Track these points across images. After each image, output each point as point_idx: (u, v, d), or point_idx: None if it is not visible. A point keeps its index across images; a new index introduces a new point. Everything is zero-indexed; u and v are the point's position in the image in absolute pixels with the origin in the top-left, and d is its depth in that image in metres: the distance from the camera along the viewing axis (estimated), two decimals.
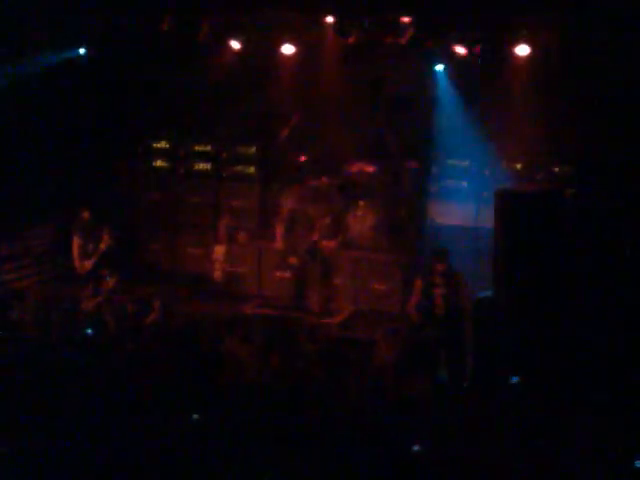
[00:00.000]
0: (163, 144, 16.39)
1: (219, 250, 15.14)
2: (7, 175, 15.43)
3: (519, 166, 14.37)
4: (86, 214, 14.23)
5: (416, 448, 8.45)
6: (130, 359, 10.67)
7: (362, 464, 8.17)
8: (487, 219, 13.62)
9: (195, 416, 8.86)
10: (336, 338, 12.47)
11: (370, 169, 15.18)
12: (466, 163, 14.72)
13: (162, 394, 9.50)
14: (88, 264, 14.07)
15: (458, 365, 11.50)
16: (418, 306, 11.97)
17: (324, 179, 15.11)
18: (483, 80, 14.58)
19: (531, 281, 11.75)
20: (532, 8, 13.39)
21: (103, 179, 16.18)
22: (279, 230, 14.19)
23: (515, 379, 10.02)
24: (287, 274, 14.27)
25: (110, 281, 13.87)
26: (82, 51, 16.07)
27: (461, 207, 14.48)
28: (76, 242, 14.19)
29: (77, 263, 14.19)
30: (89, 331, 11.75)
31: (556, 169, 14.13)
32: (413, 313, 11.94)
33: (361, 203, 14.95)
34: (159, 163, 16.37)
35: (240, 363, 10.65)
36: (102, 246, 14.01)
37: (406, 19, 14.38)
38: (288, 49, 15.20)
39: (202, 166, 16.13)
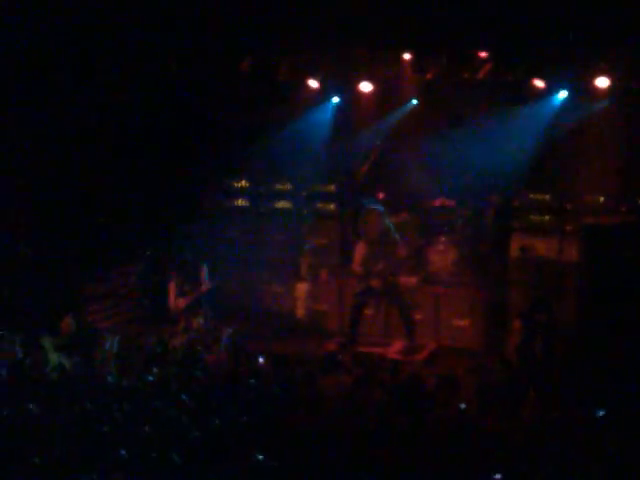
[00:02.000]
0: (243, 183, 16.58)
1: (301, 288, 15.20)
2: (93, 216, 15.72)
3: (602, 199, 14.20)
4: (188, 255, 14.41)
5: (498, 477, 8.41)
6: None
7: None
8: (570, 253, 13.55)
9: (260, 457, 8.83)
10: (420, 375, 12.36)
11: (451, 204, 15.16)
12: (547, 197, 14.59)
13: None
14: (182, 303, 14.17)
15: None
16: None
17: (404, 214, 15.13)
18: (562, 113, 14.47)
19: (619, 316, 11.61)
20: (611, 39, 13.31)
21: (186, 220, 16.39)
22: (359, 253, 14.06)
23: (601, 412, 9.86)
24: (370, 311, 14.17)
25: (198, 320, 14.01)
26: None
27: (544, 241, 14.33)
28: (173, 281, 14.30)
29: (172, 302, 14.26)
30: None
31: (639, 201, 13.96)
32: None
33: (442, 238, 14.94)
34: (240, 202, 16.54)
35: (331, 402, 10.67)
36: (203, 288, 14.19)
37: (483, 54, 14.37)
38: (366, 86, 15.28)
39: (282, 204, 16.27)
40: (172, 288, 14.24)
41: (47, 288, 14.90)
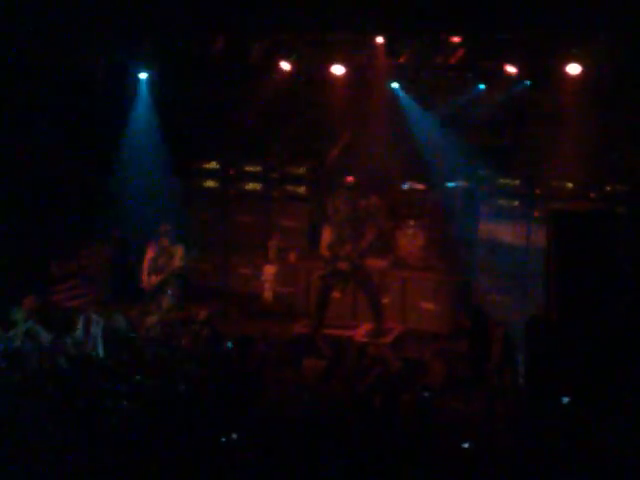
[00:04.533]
0: (213, 164, 16.51)
1: (269, 270, 15.17)
2: (59, 196, 15.61)
3: (571, 185, 14.25)
4: (164, 228, 14.14)
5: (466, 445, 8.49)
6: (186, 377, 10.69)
7: None
8: (538, 238, 13.57)
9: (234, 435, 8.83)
10: (387, 358, 12.39)
11: (420, 187, 15.18)
12: (517, 182, 14.63)
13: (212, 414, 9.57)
14: (155, 279, 14.05)
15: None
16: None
17: (374, 198, 15.11)
18: (534, 99, 14.49)
19: (584, 300, 11.63)
20: (583, 26, 13.32)
21: (155, 200, 16.33)
22: (326, 236, 14.03)
23: (566, 399, 9.89)
24: (337, 294, 14.15)
25: (168, 299, 13.94)
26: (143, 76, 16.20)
27: (512, 226, 14.38)
28: (148, 255, 14.12)
29: (144, 277, 14.13)
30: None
31: (608, 187, 14.00)
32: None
33: (411, 222, 14.94)
34: (209, 183, 16.47)
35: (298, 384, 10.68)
36: (176, 263, 13.96)
37: (456, 39, 14.36)
38: (338, 69, 15.24)
39: (252, 186, 16.22)
40: (145, 262, 14.14)
41: (11, 266, 14.84)
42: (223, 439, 8.72)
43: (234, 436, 8.81)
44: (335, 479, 8.35)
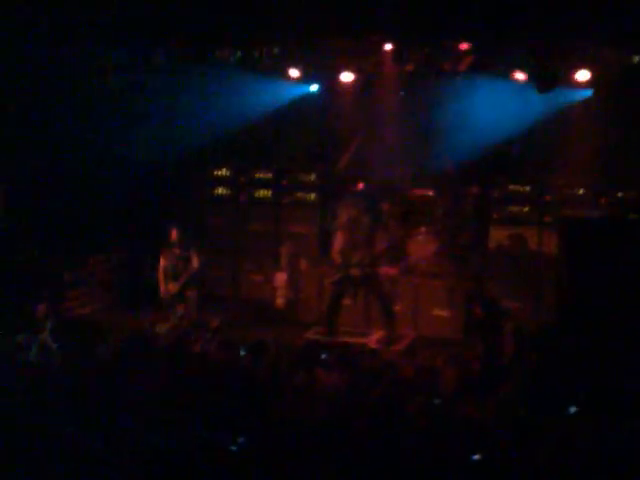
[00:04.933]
0: (224, 172, 16.57)
1: (280, 277, 15.21)
2: (71, 202, 15.66)
3: (581, 191, 14.30)
4: (175, 234, 14.12)
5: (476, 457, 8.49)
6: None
7: None
8: (549, 245, 13.64)
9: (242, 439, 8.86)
10: (399, 365, 12.41)
11: (431, 194, 15.23)
12: (528, 189, 14.68)
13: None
14: (174, 287, 14.06)
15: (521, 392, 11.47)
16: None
17: (384, 205, 15.16)
18: (544, 105, 14.53)
19: (596, 308, 11.68)
20: (593, 32, 13.37)
21: (166, 207, 16.41)
22: (338, 242, 14.02)
23: (573, 409, 9.90)
24: (348, 300, 14.20)
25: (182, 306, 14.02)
26: None
27: (522, 233, 14.42)
28: (163, 263, 14.12)
29: (162, 286, 14.12)
30: None
31: (620, 194, 14.03)
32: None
33: (422, 229, 14.99)
34: (220, 191, 16.54)
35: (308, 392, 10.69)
36: (194, 265, 14.03)
37: (465, 46, 14.40)
38: (347, 77, 15.28)
39: (263, 193, 16.28)
40: (161, 273, 14.18)
41: (23, 275, 14.90)
42: (234, 447, 8.73)
43: (241, 440, 8.83)
44: None
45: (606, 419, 9.59)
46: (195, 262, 14.05)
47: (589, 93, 14.55)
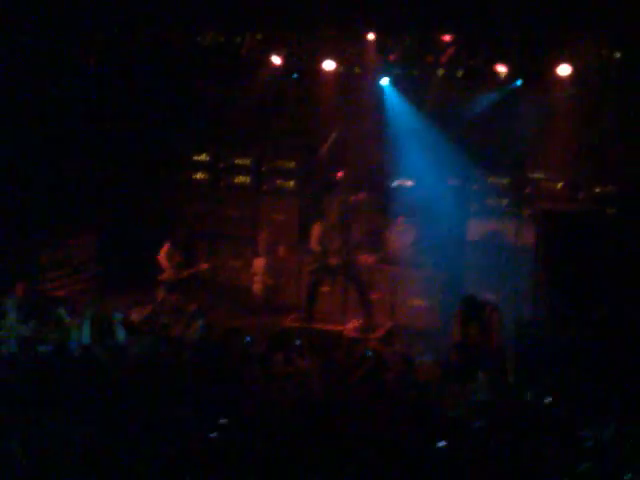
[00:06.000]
0: (203, 157, 16.55)
1: (259, 263, 15.23)
2: (50, 184, 15.61)
3: (560, 185, 14.40)
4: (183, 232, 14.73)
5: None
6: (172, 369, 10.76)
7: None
8: (527, 237, 13.73)
9: (223, 421, 8.91)
10: (376, 353, 12.48)
11: (410, 185, 15.28)
12: (506, 181, 14.77)
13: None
14: (185, 273, 14.43)
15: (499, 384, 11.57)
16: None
17: (363, 195, 15.19)
18: (525, 99, 14.61)
19: (572, 300, 11.80)
20: (574, 27, 13.46)
21: (144, 191, 16.39)
22: (316, 232, 14.09)
23: (548, 399, 10.01)
24: (326, 287, 14.26)
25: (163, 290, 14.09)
26: None
27: (500, 225, 14.52)
28: (168, 250, 14.45)
29: (171, 268, 14.40)
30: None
31: (597, 189, 14.14)
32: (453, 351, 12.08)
33: (401, 219, 15.04)
34: (199, 175, 16.53)
35: (285, 378, 10.76)
36: (203, 266, 14.64)
37: (447, 37, 14.45)
38: (329, 65, 15.29)
39: (242, 179, 16.28)
40: (166, 255, 14.33)
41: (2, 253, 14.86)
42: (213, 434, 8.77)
43: (223, 421, 8.88)
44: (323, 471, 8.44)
45: (579, 408, 9.77)
46: (204, 265, 14.70)
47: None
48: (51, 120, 15.56)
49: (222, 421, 8.96)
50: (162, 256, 14.43)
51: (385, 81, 15.29)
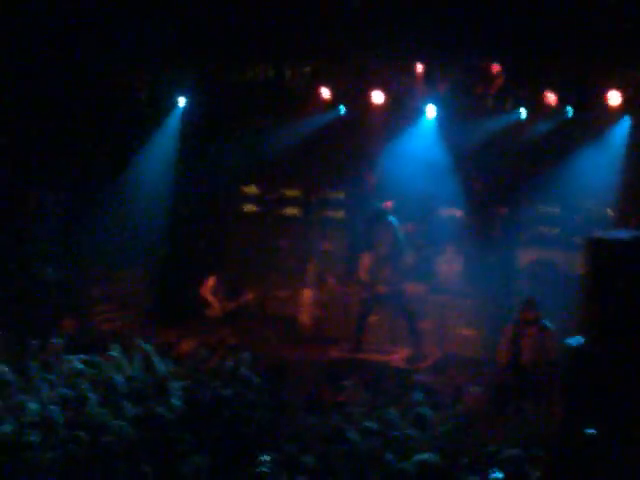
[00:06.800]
0: (253, 189, 16.64)
1: (307, 294, 15.20)
2: (101, 217, 15.76)
3: (611, 212, 14.24)
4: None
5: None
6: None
7: None
8: (578, 266, 13.53)
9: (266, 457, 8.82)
10: (423, 383, 12.37)
11: (459, 214, 15.20)
12: (557, 209, 14.64)
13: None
14: (230, 306, 14.52)
15: (544, 413, 11.39)
16: (507, 353, 11.95)
17: (412, 224, 15.14)
18: (575, 127, 14.49)
19: (624, 331, 11.56)
20: (623, 54, 13.36)
21: (193, 224, 16.50)
22: (365, 262, 14.05)
23: (591, 431, 9.75)
24: (375, 317, 14.18)
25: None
26: (182, 101, 16.31)
27: (550, 253, 14.37)
28: (214, 282, 14.57)
29: (217, 302, 14.51)
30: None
31: None
32: (501, 359, 11.93)
33: (450, 248, 14.95)
34: (249, 208, 16.60)
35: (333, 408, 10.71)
36: (248, 297, 14.68)
37: (496, 67, 14.41)
38: (378, 97, 15.29)
39: (292, 211, 16.32)
40: (211, 291, 14.39)
41: (51, 288, 14.98)
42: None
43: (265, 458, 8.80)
44: None
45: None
46: (250, 296, 14.76)
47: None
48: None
49: (264, 457, 8.85)
50: (206, 291, 14.46)
51: (431, 112, 15.21)
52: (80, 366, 11.63)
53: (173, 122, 16.38)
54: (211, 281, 14.56)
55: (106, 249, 15.67)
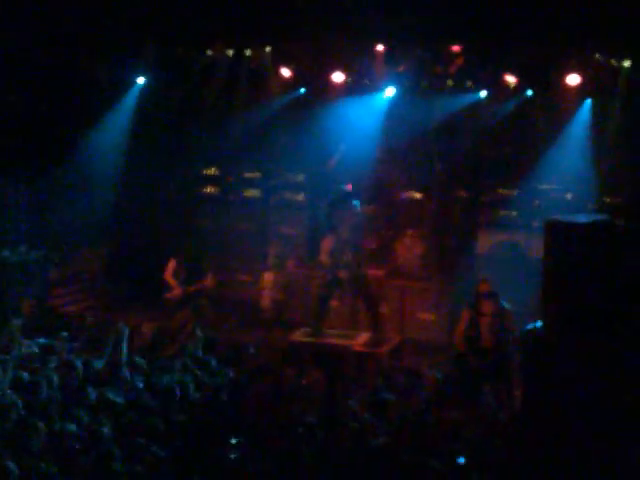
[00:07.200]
0: (213, 171, 16.53)
1: (267, 277, 15.15)
2: (59, 200, 15.63)
3: (569, 196, 14.29)
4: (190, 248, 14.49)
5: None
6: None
7: None
8: (537, 249, 13.58)
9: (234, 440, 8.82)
10: (383, 367, 12.41)
11: (419, 197, 15.20)
12: (515, 193, 14.67)
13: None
14: (191, 290, 14.22)
15: (504, 397, 11.46)
16: (465, 336, 11.99)
17: (372, 207, 15.12)
18: (533, 110, 14.52)
19: (582, 314, 11.63)
20: (583, 36, 13.38)
21: (153, 205, 16.38)
22: (326, 245, 14.04)
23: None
24: (336, 301, 14.17)
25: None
26: (141, 80, 16.17)
27: (510, 237, 14.41)
28: (175, 265, 14.31)
29: (178, 285, 14.26)
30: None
31: (607, 199, 14.03)
32: (459, 343, 11.97)
33: (409, 232, 14.95)
34: (209, 190, 16.50)
35: (295, 393, 10.71)
36: (208, 283, 14.27)
37: (456, 48, 14.38)
38: (338, 77, 15.23)
39: (251, 193, 16.23)
40: (172, 275, 14.29)
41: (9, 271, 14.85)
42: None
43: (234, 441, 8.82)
44: None
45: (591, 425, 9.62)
46: (210, 280, 14.29)
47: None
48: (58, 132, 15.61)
49: (233, 441, 8.86)
50: (168, 273, 14.36)
51: (390, 92, 15.17)
52: (37, 349, 11.60)
53: (131, 101, 16.25)
54: (171, 264, 14.44)
55: (65, 231, 15.55)
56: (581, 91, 14.04)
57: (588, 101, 14.21)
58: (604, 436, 9.41)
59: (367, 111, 15.45)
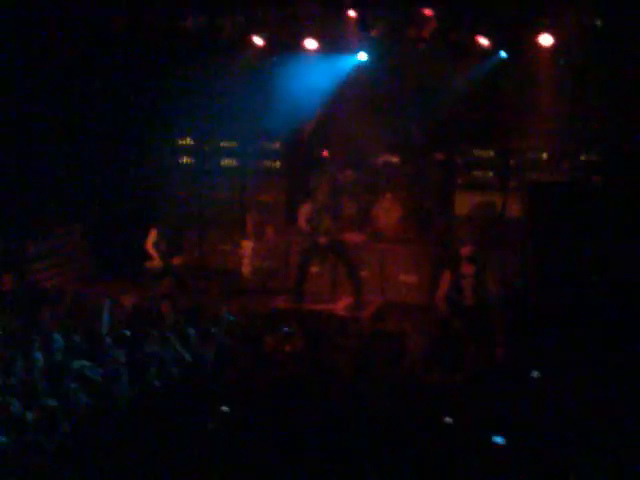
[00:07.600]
0: (188, 141, 16.49)
1: (247, 245, 15.17)
2: (34, 174, 15.53)
3: (545, 155, 14.36)
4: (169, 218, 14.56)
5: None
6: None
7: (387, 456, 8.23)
8: (513, 209, 13.71)
9: (224, 408, 8.87)
10: (366, 331, 12.46)
11: (396, 161, 15.23)
12: (491, 153, 14.73)
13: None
14: (176, 262, 14.31)
15: (487, 356, 11.56)
16: (446, 297, 12.08)
17: (349, 172, 15.15)
18: (507, 71, 14.56)
19: (562, 270, 11.78)
20: None
21: (131, 178, 16.31)
22: (304, 211, 14.08)
23: (535, 373, 9.94)
24: (316, 267, 14.22)
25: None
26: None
27: (487, 197, 14.49)
28: (155, 235, 14.32)
29: (158, 255, 14.30)
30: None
31: (583, 157, 14.11)
32: (442, 304, 12.06)
33: (387, 195, 15.00)
34: (185, 160, 16.47)
35: (278, 359, 10.74)
36: (175, 261, 14.31)
37: (429, 11, 14.37)
38: (311, 44, 15.19)
39: (228, 162, 16.21)
40: (151, 245, 14.26)
41: None
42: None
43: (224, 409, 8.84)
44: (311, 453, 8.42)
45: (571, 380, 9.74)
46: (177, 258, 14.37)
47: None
48: (29, 106, 15.47)
49: (224, 409, 8.88)
50: (149, 243, 14.35)
51: (363, 57, 15.17)
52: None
53: None
54: (152, 234, 14.41)
55: (43, 205, 15.47)
56: (554, 51, 14.05)
57: (560, 61, 14.22)
58: None
59: (340, 76, 15.47)
